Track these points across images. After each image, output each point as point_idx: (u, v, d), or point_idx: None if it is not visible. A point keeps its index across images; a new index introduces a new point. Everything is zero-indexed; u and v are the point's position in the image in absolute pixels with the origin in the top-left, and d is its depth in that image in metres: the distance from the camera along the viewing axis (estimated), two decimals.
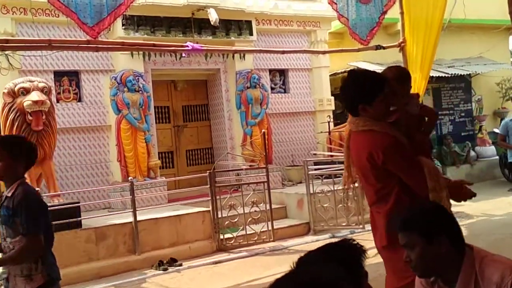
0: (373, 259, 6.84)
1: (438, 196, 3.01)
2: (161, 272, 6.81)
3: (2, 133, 6.95)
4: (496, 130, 13.85)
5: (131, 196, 7.25)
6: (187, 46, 7.70)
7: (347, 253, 1.73)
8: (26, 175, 7.29)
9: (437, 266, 2.20)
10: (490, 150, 13.47)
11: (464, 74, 12.77)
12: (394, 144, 3.02)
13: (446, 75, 11.99)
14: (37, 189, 6.71)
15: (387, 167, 3.03)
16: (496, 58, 13.99)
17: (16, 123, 7.05)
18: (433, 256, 2.18)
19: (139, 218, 7.23)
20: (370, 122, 3.11)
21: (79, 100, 9.08)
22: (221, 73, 10.30)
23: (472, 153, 13.22)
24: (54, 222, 6.52)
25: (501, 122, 14.49)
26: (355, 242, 1.83)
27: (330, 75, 11.90)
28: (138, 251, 7.15)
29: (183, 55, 9.20)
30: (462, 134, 13.56)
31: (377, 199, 3.18)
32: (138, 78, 8.89)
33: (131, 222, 7.18)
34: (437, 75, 11.65)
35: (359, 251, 1.76)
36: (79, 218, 7.02)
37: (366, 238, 7.95)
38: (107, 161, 9.18)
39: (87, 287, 6.33)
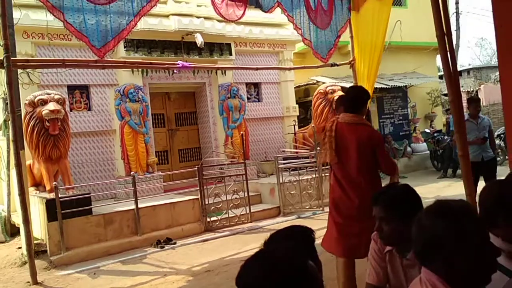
0: None
1: (396, 176, 3.94)
2: (159, 249, 6.75)
3: (24, 137, 6.78)
4: (428, 130, 14.13)
5: (133, 188, 7.15)
6: (178, 64, 7.65)
7: (303, 233, 1.72)
8: (44, 172, 7.16)
9: (402, 238, 2.19)
10: (422, 146, 13.70)
11: (401, 86, 12.97)
12: (382, 137, 3.85)
13: (387, 87, 12.14)
14: (54, 183, 6.59)
15: (376, 149, 3.69)
16: (426, 73, 14.24)
17: (36, 129, 6.88)
18: (403, 231, 2.13)
19: (140, 205, 7.14)
20: (363, 120, 3.85)
21: (89, 109, 8.92)
22: (206, 86, 10.23)
23: (408, 149, 13.43)
24: (69, 210, 6.47)
25: (431, 123, 14.81)
26: (306, 226, 1.82)
27: (295, 87, 11.94)
28: (139, 232, 7.06)
29: (175, 71, 9.15)
30: (401, 133, 13.75)
31: (361, 168, 3.71)
32: (138, 91, 8.78)
33: (133, 209, 7.08)
34: (380, 87, 11.80)
35: (311, 232, 1.76)
36: (90, 207, 6.87)
37: (325, 218, 7.99)
38: (113, 159, 9.04)
39: (98, 263, 6.21)
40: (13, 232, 8.44)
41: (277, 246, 1.40)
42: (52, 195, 6.56)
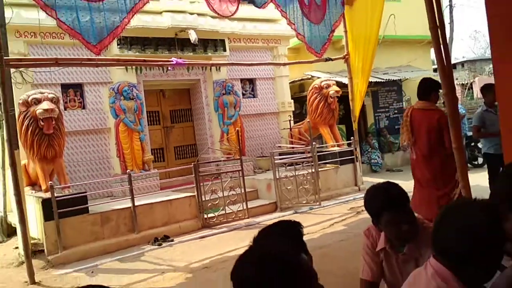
0: (329, 229, 6.87)
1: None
2: (156, 247, 6.75)
3: (18, 137, 6.75)
4: None
5: (129, 186, 7.14)
6: (172, 61, 7.64)
7: (291, 228, 1.73)
8: (39, 171, 7.12)
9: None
10: None
11: (396, 79, 12.98)
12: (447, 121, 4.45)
13: (382, 80, 12.16)
14: (50, 182, 6.57)
15: (444, 130, 4.30)
16: (420, 66, 14.23)
17: (30, 128, 6.84)
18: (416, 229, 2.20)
19: (136, 203, 7.14)
20: (433, 105, 4.57)
21: (83, 107, 8.88)
22: (201, 83, 10.21)
23: (404, 142, 13.45)
24: (65, 209, 6.46)
25: None
26: (294, 220, 1.83)
27: (290, 83, 11.95)
28: (136, 230, 7.06)
29: (169, 68, 9.13)
30: (396, 127, 13.75)
31: (431, 147, 4.46)
32: (132, 88, 8.75)
33: (130, 207, 7.08)
34: (375, 80, 11.81)
35: (299, 226, 1.76)
36: (87, 205, 6.87)
37: (322, 213, 8.06)
38: (108, 157, 9.02)
39: (95, 262, 6.21)
40: (9, 232, 8.41)
41: (268, 242, 1.40)
42: (48, 195, 6.54)
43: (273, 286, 1.21)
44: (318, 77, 11.32)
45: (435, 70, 15.33)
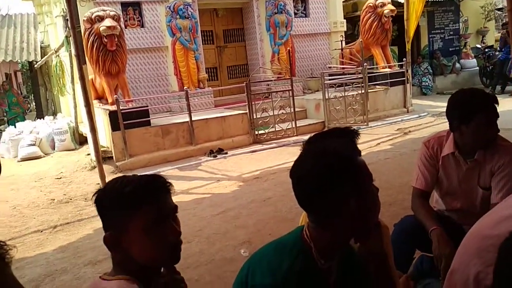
0: (375, 148, 6.83)
1: None
2: (212, 158, 7.02)
3: (85, 52, 6.93)
4: (479, 46, 13.18)
5: (186, 102, 7.30)
6: None
7: (344, 132, 1.68)
8: (105, 86, 7.38)
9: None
10: (472, 62, 12.92)
11: None
12: None
13: (439, 0, 11.24)
14: (115, 96, 6.83)
15: None
16: None
17: (95, 45, 7.00)
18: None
19: (193, 118, 7.32)
20: None
21: (142, 26, 8.88)
22: (253, 2, 9.83)
23: (457, 65, 12.73)
24: (130, 121, 6.75)
25: (482, 39, 13.78)
26: (350, 127, 1.75)
27: (343, 2, 11.30)
28: (194, 143, 7.32)
29: None
30: (450, 49, 12.95)
31: None
32: (187, 7, 8.59)
33: (187, 121, 7.29)
34: (431, 0, 10.93)
35: (353, 132, 1.70)
36: (149, 118, 7.13)
37: (369, 133, 7.98)
38: (166, 75, 9.15)
39: (158, 169, 6.55)
40: (81, 140, 8.99)
41: (326, 142, 1.39)
42: (114, 107, 6.83)
43: (330, 177, 1.20)
44: None
45: None
